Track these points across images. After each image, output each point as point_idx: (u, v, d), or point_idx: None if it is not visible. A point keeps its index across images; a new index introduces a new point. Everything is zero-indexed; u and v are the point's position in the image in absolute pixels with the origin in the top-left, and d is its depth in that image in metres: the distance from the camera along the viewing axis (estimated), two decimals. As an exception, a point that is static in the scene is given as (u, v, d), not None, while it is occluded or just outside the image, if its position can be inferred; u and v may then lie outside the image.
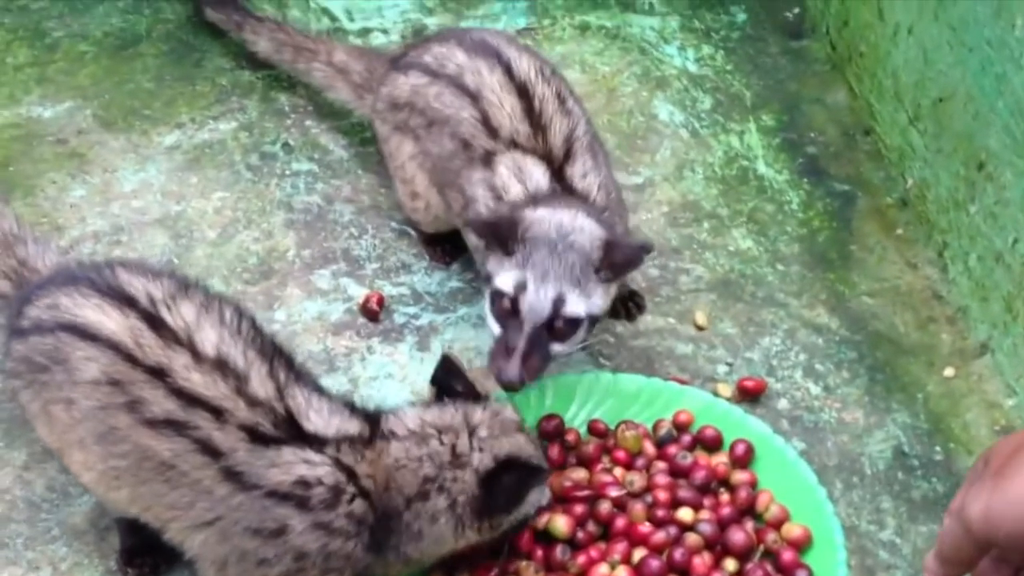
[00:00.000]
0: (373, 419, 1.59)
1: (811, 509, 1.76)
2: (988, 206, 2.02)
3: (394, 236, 2.19)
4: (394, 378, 1.99)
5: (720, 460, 1.82)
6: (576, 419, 1.89)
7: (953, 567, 1.27)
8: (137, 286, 1.57)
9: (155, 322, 1.53)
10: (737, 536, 1.72)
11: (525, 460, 1.59)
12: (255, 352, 1.55)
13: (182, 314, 1.55)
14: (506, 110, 1.91)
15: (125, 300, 1.55)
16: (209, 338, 1.53)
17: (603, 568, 1.69)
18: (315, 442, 1.52)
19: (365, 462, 1.53)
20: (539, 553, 1.71)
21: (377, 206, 2.23)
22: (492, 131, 1.91)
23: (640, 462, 1.82)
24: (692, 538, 1.72)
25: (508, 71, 1.95)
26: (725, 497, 1.79)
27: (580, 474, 1.80)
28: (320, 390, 1.59)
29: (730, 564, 1.71)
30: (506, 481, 1.55)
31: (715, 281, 2.15)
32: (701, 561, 1.70)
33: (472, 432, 1.57)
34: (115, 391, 1.51)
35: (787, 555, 1.72)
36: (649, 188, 2.28)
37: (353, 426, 1.56)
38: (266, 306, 2.06)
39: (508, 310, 1.75)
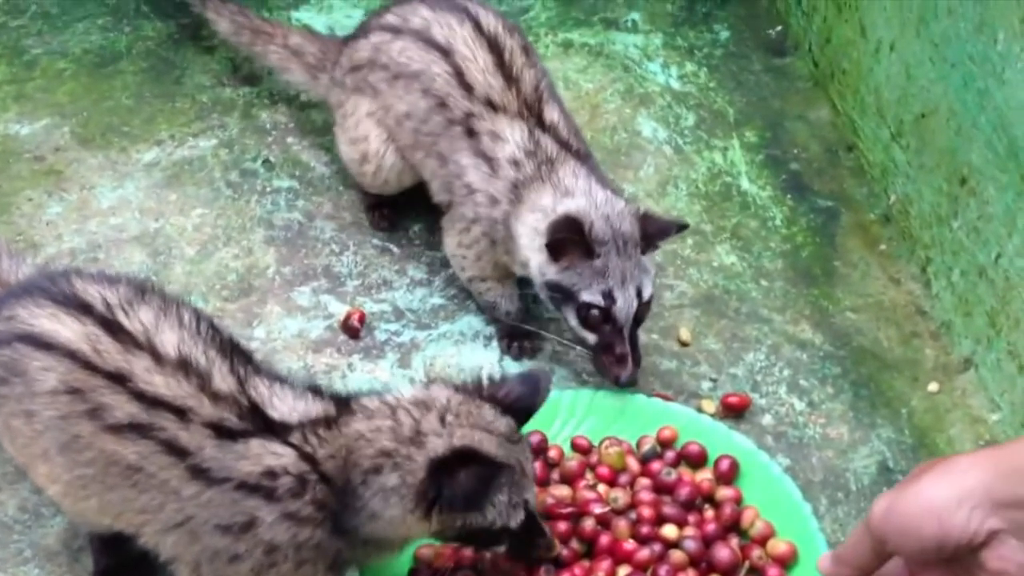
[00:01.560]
0: (342, 400, 1.56)
1: (796, 525, 1.74)
2: (971, 221, 2.02)
3: (376, 253, 2.17)
4: (375, 395, 1.96)
5: (704, 476, 1.81)
6: (559, 435, 1.87)
7: (846, 567, 1.33)
8: (93, 293, 1.55)
9: (112, 327, 1.51)
10: (722, 553, 1.71)
11: (484, 457, 1.49)
12: (215, 351, 1.53)
13: (140, 318, 1.53)
14: (479, 64, 1.95)
15: (81, 307, 1.53)
16: (170, 340, 1.51)
17: (587, 586, 1.68)
18: (281, 431, 1.50)
19: (326, 444, 1.50)
20: (521, 573, 1.69)
21: (359, 222, 2.21)
22: (467, 88, 1.94)
23: (624, 479, 1.81)
24: (677, 555, 1.71)
25: (477, 25, 1.99)
26: (710, 513, 1.77)
27: (563, 491, 1.78)
28: (281, 379, 1.57)
29: (715, 581, 1.70)
30: (462, 477, 1.47)
31: (699, 297, 2.14)
32: (686, 578, 1.69)
33: (443, 414, 1.51)
34: (75, 399, 1.49)
35: (772, 571, 1.70)
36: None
37: (316, 409, 1.53)
38: (245, 323, 2.04)
39: (600, 319, 1.84)
